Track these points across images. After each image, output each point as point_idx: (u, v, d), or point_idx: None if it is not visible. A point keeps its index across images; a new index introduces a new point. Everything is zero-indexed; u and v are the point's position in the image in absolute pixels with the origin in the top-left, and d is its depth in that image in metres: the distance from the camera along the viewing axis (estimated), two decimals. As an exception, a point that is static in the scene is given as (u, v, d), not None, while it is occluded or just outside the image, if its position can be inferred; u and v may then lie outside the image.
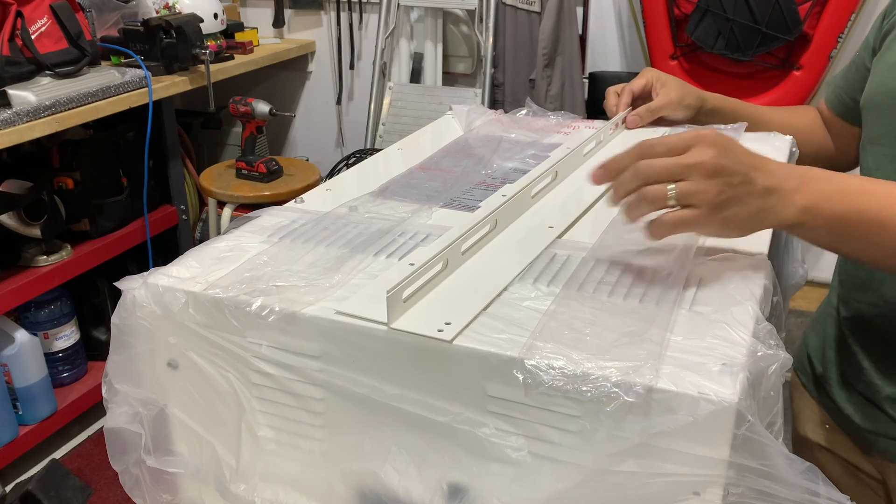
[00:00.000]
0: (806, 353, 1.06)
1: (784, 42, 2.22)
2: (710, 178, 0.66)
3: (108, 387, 0.75)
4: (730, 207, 0.67)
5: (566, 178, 0.95)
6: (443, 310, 0.66)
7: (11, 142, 1.82)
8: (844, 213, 0.69)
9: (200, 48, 2.28)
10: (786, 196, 0.68)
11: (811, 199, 0.69)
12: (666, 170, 0.67)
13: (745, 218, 0.68)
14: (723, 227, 0.68)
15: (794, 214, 0.68)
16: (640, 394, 0.56)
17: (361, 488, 0.70)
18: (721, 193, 0.66)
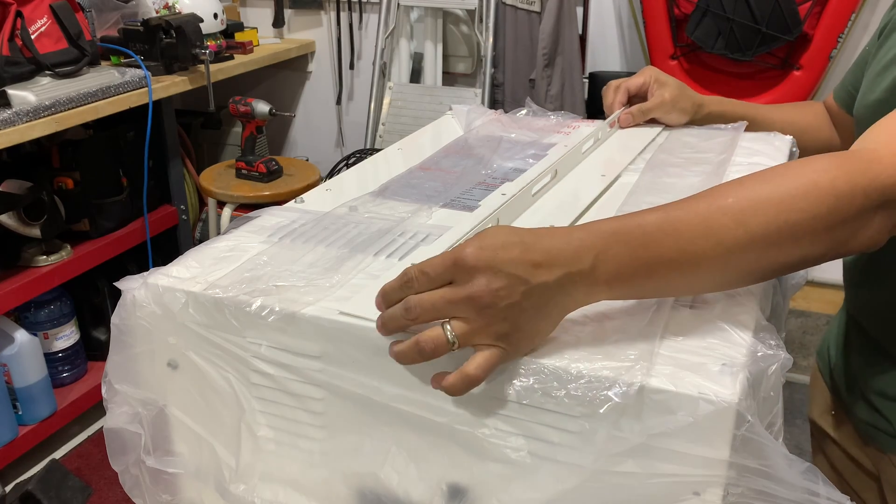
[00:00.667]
0: (826, 340, 1.07)
1: (784, 42, 2.22)
2: (488, 310, 0.56)
3: (107, 387, 0.75)
4: (527, 325, 0.57)
5: (565, 177, 0.95)
6: None
7: (11, 142, 1.82)
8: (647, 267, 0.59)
9: (200, 48, 2.28)
10: (582, 280, 0.58)
11: (611, 272, 0.59)
12: (434, 308, 0.57)
13: (550, 325, 0.59)
14: (530, 344, 0.59)
15: (599, 297, 0.60)
16: (631, 395, 0.56)
17: (361, 488, 0.70)
18: (506, 320, 0.56)
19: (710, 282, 0.63)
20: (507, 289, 0.55)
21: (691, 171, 0.94)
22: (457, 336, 0.57)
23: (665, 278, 0.60)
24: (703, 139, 1.05)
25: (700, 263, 0.60)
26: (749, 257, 0.61)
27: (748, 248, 0.60)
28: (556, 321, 0.60)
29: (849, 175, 0.62)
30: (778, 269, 0.63)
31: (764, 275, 0.64)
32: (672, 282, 0.61)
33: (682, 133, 1.10)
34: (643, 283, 0.60)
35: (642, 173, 0.97)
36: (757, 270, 0.63)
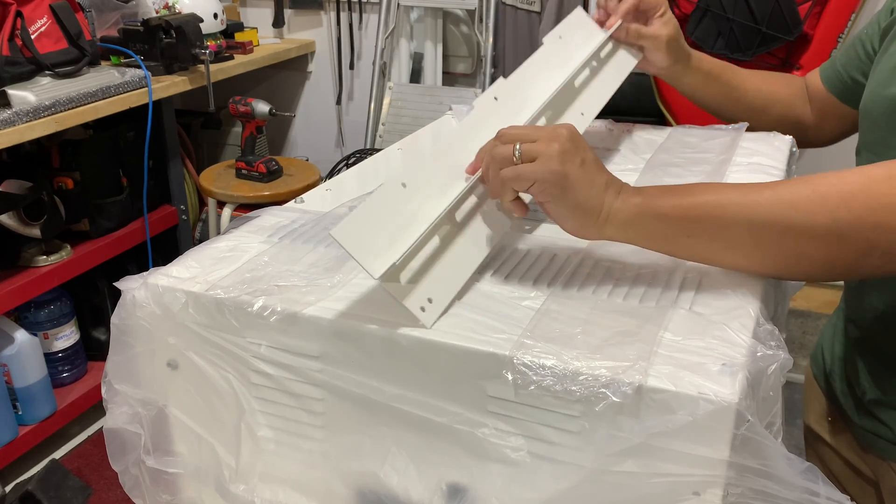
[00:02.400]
0: (821, 345, 1.06)
1: (784, 42, 2.22)
2: (558, 142, 0.68)
3: (107, 387, 0.75)
4: (570, 170, 0.67)
5: (565, 113, 0.94)
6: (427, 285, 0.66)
7: (11, 142, 1.82)
8: (673, 209, 0.68)
9: (200, 48, 2.27)
10: (620, 197, 0.69)
11: (646, 197, 0.69)
12: (522, 134, 0.69)
13: (584, 192, 0.68)
14: (559, 191, 0.68)
15: (631, 209, 0.68)
16: (629, 394, 0.56)
17: (361, 488, 0.70)
18: (564, 154, 0.67)
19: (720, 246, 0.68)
20: (583, 146, 0.69)
21: (691, 171, 0.94)
22: (522, 149, 0.68)
23: (684, 223, 0.68)
24: (704, 139, 1.05)
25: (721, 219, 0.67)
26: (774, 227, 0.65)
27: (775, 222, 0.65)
28: (586, 202, 0.68)
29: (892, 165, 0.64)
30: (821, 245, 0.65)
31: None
32: (685, 228, 0.68)
33: (682, 133, 1.10)
34: (664, 219, 0.68)
35: (642, 173, 0.97)
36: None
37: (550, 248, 0.77)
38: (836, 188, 0.64)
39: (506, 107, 0.84)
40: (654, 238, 0.69)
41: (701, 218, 0.67)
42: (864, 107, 0.91)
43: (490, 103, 0.83)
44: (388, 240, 0.66)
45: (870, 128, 0.90)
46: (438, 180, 0.73)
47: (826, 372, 1.03)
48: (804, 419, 1.09)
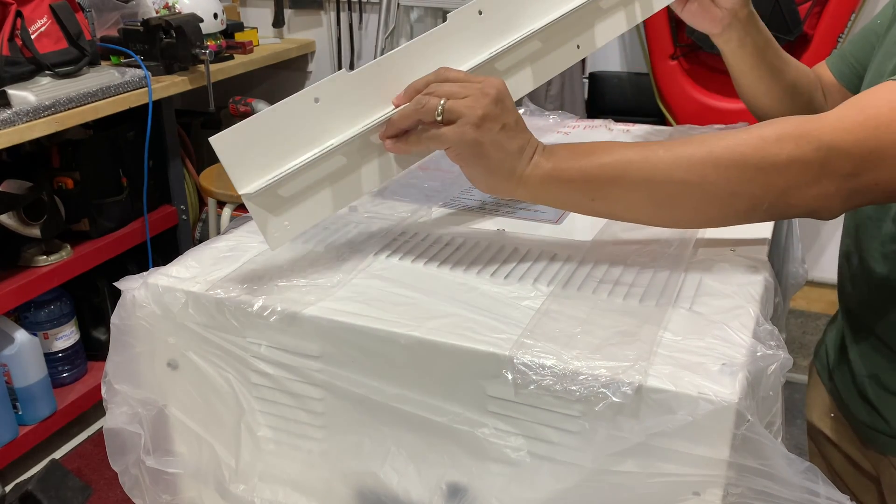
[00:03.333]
0: (824, 341, 1.06)
1: (784, 42, 2.22)
2: (482, 105, 0.68)
3: (107, 387, 0.75)
4: (486, 135, 0.68)
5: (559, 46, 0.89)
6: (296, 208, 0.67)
7: (11, 142, 1.82)
8: (578, 175, 0.70)
9: (200, 48, 2.27)
10: (531, 163, 0.71)
11: (556, 161, 0.71)
12: (450, 91, 0.69)
13: (497, 158, 0.70)
14: (473, 157, 0.70)
15: (541, 175, 0.71)
16: (629, 394, 0.56)
17: (361, 488, 0.70)
18: (485, 119, 0.68)
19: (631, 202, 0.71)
20: (510, 108, 0.70)
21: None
22: (446, 105, 0.68)
23: (596, 181, 0.70)
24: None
25: (625, 176, 0.70)
26: (679, 177, 0.68)
27: (674, 167, 0.68)
28: (498, 168, 0.70)
29: (782, 124, 0.68)
30: (716, 201, 0.69)
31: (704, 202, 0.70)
32: (597, 185, 0.70)
33: (682, 133, 1.10)
34: (575, 180, 0.71)
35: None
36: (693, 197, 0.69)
37: (550, 248, 0.77)
38: (730, 150, 0.68)
39: (489, 25, 0.79)
40: (561, 201, 0.73)
41: (603, 182, 0.70)
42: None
43: (472, 17, 0.78)
44: (273, 157, 0.65)
45: None
46: (359, 101, 0.71)
47: (829, 368, 1.03)
48: (807, 415, 1.09)
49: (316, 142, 0.68)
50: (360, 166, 0.72)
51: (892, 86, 0.67)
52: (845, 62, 1.00)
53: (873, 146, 0.65)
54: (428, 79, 0.72)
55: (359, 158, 0.72)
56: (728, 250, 0.76)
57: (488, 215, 0.86)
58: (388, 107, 0.73)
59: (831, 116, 0.68)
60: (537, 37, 0.84)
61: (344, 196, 0.72)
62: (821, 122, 0.67)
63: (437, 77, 0.72)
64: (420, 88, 0.72)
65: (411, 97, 0.72)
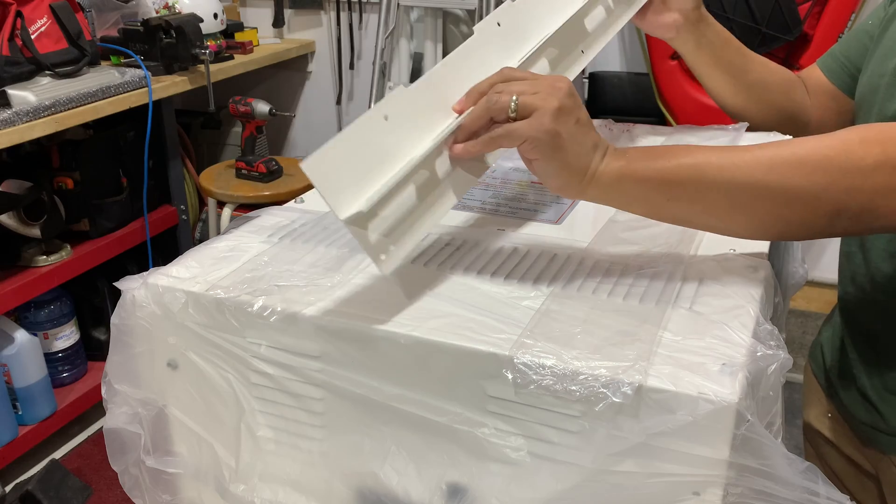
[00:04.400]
0: (819, 342, 1.06)
1: (784, 42, 2.22)
2: (557, 98, 0.67)
3: (107, 387, 0.75)
4: (564, 129, 0.67)
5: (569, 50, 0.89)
6: (396, 230, 0.65)
7: (11, 142, 1.82)
8: (654, 174, 0.68)
9: (200, 48, 2.27)
10: (605, 160, 0.69)
11: (629, 160, 0.69)
12: (520, 89, 0.68)
13: (574, 151, 0.68)
14: (550, 150, 0.67)
15: (614, 172, 0.68)
16: (629, 394, 0.56)
17: (361, 488, 0.70)
18: (561, 111, 0.67)
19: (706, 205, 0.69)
20: (581, 105, 0.69)
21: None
22: (520, 101, 0.66)
23: (668, 185, 0.68)
24: (704, 139, 1.05)
25: (703, 180, 0.67)
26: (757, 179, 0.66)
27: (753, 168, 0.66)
28: (573, 164, 0.68)
29: (866, 129, 0.66)
30: (798, 204, 0.66)
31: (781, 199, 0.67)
32: (668, 189, 0.68)
33: (683, 133, 1.10)
34: (646, 183, 0.68)
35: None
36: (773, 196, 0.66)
37: (550, 248, 0.77)
38: (813, 152, 0.66)
39: (508, 35, 0.80)
40: (634, 201, 0.71)
41: (681, 181, 0.68)
42: (859, 96, 0.91)
43: (492, 29, 0.79)
44: (361, 178, 0.63)
45: (865, 116, 0.90)
46: (423, 114, 0.70)
47: (825, 368, 1.03)
48: (804, 417, 1.09)
49: (397, 159, 0.67)
50: (442, 178, 0.71)
51: None
52: (836, 61, 1.01)
53: None
54: (492, 79, 0.70)
55: (442, 170, 0.71)
56: (728, 250, 0.76)
57: (488, 215, 0.86)
58: (451, 116, 0.72)
59: None
60: (552, 43, 0.85)
61: (437, 210, 0.70)
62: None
63: (502, 76, 0.70)
64: (484, 90, 0.70)
65: (475, 100, 0.70)
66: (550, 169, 0.69)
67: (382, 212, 0.65)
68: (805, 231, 0.69)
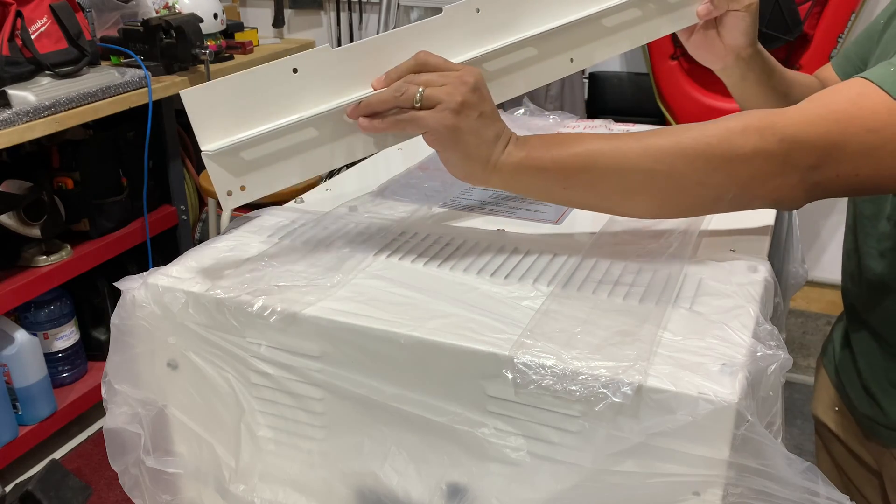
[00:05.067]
0: (832, 337, 1.07)
1: (784, 42, 2.22)
2: (461, 93, 0.70)
3: (107, 387, 0.75)
4: (464, 121, 0.70)
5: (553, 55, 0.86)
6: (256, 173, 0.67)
7: (11, 142, 1.82)
8: (551, 163, 0.71)
9: (200, 48, 2.27)
10: (506, 151, 0.72)
11: (529, 150, 0.72)
12: (429, 79, 0.71)
13: (474, 144, 0.71)
14: (450, 143, 0.71)
15: (514, 162, 0.71)
16: (629, 394, 0.56)
17: (361, 488, 0.70)
18: (463, 106, 0.70)
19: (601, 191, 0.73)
20: (487, 98, 0.72)
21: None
22: (425, 93, 0.70)
23: (568, 170, 0.71)
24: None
25: (596, 166, 0.71)
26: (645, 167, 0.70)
27: (643, 158, 0.70)
28: (475, 154, 0.71)
29: (748, 117, 0.70)
30: (683, 190, 0.71)
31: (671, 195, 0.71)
32: (567, 175, 0.72)
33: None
34: (547, 168, 0.72)
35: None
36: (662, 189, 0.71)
37: (550, 248, 0.77)
38: (696, 141, 0.69)
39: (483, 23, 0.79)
40: (534, 190, 0.74)
41: (576, 170, 0.71)
42: None
43: (467, 13, 0.78)
44: (240, 119, 0.65)
45: None
46: (338, 79, 0.72)
47: (835, 362, 1.04)
48: (812, 410, 1.10)
49: (288, 111, 0.69)
50: (331, 141, 0.73)
51: (855, 82, 0.68)
52: (850, 63, 0.99)
53: (835, 140, 0.66)
54: (408, 64, 0.73)
55: (330, 134, 0.73)
56: (728, 250, 0.76)
57: (488, 215, 0.86)
58: (367, 88, 0.73)
59: (795, 110, 0.69)
60: (531, 43, 0.82)
61: (309, 168, 0.72)
62: (785, 115, 0.68)
63: (417, 61, 0.73)
64: (400, 75, 0.72)
65: (390, 83, 0.73)
66: (451, 158, 0.72)
67: (248, 156, 0.66)
68: (691, 211, 0.74)
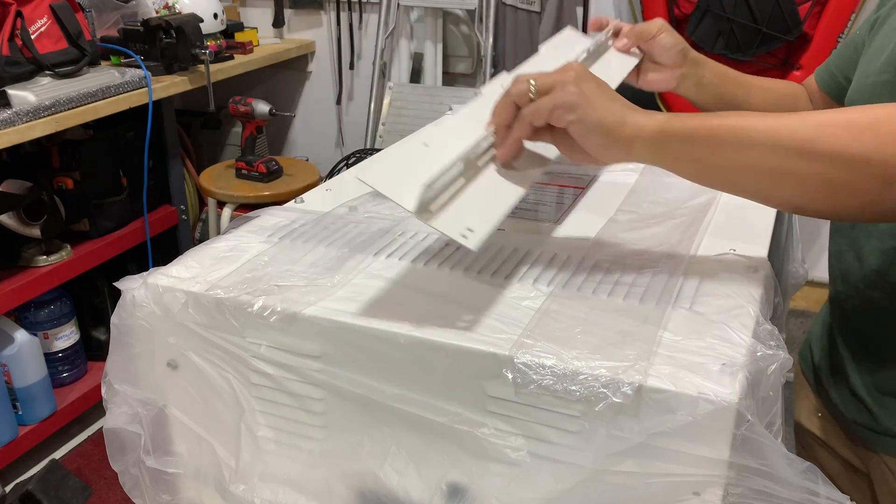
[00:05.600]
0: (809, 343, 1.07)
1: (784, 42, 2.22)
2: (572, 70, 0.70)
3: (107, 387, 0.75)
4: (587, 89, 0.69)
5: None
6: (464, 215, 0.64)
7: (11, 142, 1.82)
8: (698, 127, 0.68)
9: (200, 48, 2.27)
10: (643, 115, 0.69)
11: (666, 120, 0.69)
12: (536, 77, 0.71)
13: (604, 107, 0.68)
14: (581, 110, 0.68)
15: (657, 126, 0.68)
16: (629, 394, 0.56)
17: (361, 488, 0.70)
18: (579, 78, 0.69)
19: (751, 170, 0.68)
20: (594, 77, 0.71)
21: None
22: (537, 83, 0.70)
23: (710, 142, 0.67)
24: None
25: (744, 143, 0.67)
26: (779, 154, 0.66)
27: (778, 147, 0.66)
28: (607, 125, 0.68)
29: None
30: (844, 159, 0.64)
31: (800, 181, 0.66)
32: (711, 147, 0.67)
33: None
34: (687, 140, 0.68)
35: (642, 173, 0.97)
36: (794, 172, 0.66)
37: (550, 248, 0.77)
38: (863, 115, 0.65)
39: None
40: (680, 158, 0.69)
41: (726, 137, 0.67)
42: (851, 99, 0.92)
43: (498, 91, 0.80)
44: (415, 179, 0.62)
45: None
46: (460, 139, 0.71)
47: (815, 367, 1.03)
48: (795, 417, 1.09)
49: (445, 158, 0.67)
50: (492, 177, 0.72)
51: None
52: (828, 72, 1.03)
53: None
54: (507, 90, 0.72)
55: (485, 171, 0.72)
56: (728, 250, 0.76)
57: (488, 215, 0.86)
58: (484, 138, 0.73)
59: None
60: None
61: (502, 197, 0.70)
62: None
63: (514, 82, 0.72)
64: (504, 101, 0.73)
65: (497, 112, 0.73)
66: (587, 130, 0.69)
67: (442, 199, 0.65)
68: (855, 199, 0.66)
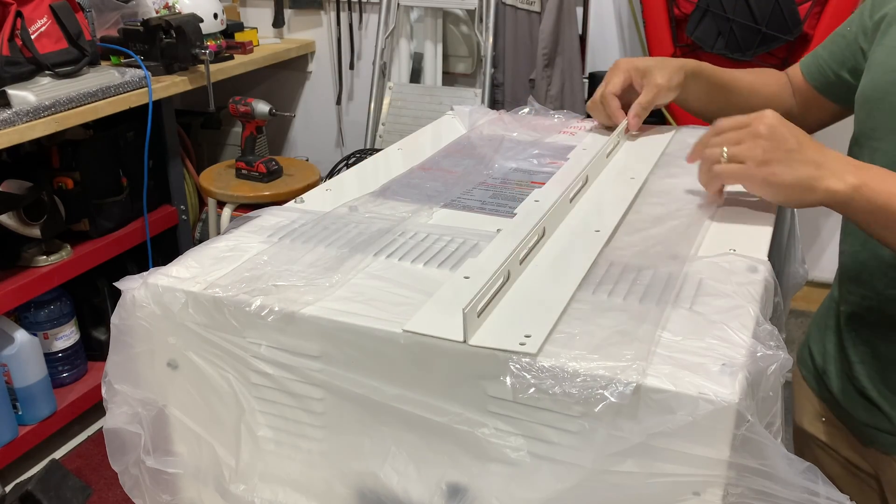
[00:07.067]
0: (808, 346, 1.06)
1: (784, 42, 2.22)
2: (760, 139, 0.76)
3: (107, 387, 0.75)
4: (775, 165, 0.75)
5: (593, 182, 0.93)
6: (515, 323, 0.63)
7: (11, 142, 1.82)
8: (890, 202, 0.72)
9: (200, 48, 2.28)
10: (836, 171, 0.74)
11: (862, 178, 0.74)
12: (726, 137, 0.79)
13: (790, 180, 0.75)
14: (766, 184, 0.76)
15: (844, 189, 0.73)
16: (628, 394, 0.56)
17: (361, 488, 0.70)
18: (767, 152, 0.75)
19: None
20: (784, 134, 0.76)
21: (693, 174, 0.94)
22: (729, 151, 0.78)
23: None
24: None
25: None
26: None
27: None
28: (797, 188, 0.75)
29: None
30: None
31: None
32: None
33: (685, 135, 1.10)
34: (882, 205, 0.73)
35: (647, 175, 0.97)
36: None
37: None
38: None
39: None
40: (870, 224, 0.76)
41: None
42: (863, 96, 0.91)
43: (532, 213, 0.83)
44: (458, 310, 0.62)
45: (869, 115, 0.90)
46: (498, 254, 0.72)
47: (818, 372, 1.03)
48: (796, 422, 1.08)
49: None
50: (539, 266, 0.74)
51: None
52: (816, 65, 1.04)
53: None
54: (707, 134, 0.82)
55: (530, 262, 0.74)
56: (728, 250, 0.75)
57: (488, 215, 0.86)
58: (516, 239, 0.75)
59: None
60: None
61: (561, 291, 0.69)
62: None
63: (715, 129, 0.81)
64: (705, 142, 0.82)
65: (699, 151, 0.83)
66: (777, 190, 0.76)
67: (489, 315, 0.65)
68: None
